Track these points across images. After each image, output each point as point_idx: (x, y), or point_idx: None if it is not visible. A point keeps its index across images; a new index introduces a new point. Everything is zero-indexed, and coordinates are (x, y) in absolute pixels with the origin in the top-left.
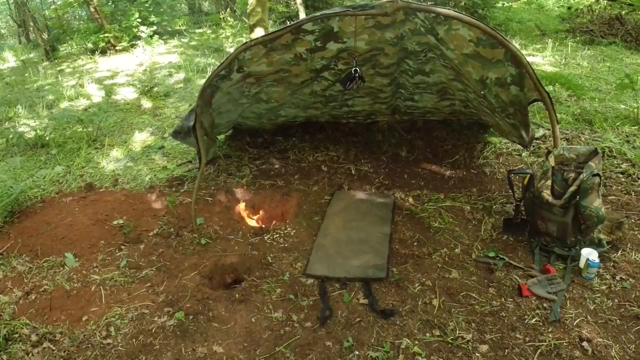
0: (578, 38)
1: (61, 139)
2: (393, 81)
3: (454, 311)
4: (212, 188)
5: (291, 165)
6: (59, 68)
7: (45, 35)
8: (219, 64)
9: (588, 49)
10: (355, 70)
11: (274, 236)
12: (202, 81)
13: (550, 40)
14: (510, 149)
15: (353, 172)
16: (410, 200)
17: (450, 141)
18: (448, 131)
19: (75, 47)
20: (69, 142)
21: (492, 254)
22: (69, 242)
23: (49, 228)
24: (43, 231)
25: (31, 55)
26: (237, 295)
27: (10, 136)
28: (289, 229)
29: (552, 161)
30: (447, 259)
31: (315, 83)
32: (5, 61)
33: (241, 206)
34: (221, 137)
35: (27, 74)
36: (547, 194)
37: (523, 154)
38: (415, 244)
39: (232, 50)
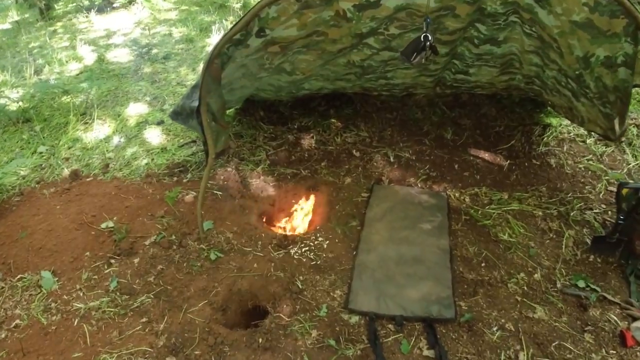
0: None
1: (47, 112)
2: (451, 50)
3: None
4: (222, 178)
5: (316, 149)
6: (52, 28)
7: None
8: (231, 25)
9: None
10: (426, 37)
11: (303, 249)
12: (208, 42)
13: None
14: (572, 134)
15: (391, 159)
16: (467, 200)
17: (502, 121)
18: (498, 108)
19: (72, 4)
20: (56, 116)
21: (581, 283)
22: (47, 254)
23: (24, 234)
24: (17, 238)
25: (26, 16)
26: (260, 340)
27: None
28: (320, 238)
29: None
30: (526, 288)
31: (354, 51)
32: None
33: (258, 207)
34: (230, 111)
35: (20, 36)
36: None
37: (588, 141)
38: (483, 264)
39: (240, 6)
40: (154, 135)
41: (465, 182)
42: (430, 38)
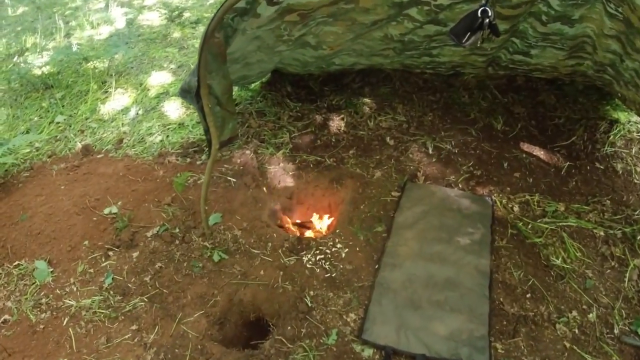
0: None
1: (71, 78)
2: (512, 27)
3: None
4: (238, 162)
5: (344, 133)
6: None
7: None
8: None
9: None
10: (485, 12)
11: (317, 257)
12: None
13: None
14: None
15: (430, 150)
16: (516, 209)
17: (563, 112)
18: (558, 96)
19: None
20: (79, 83)
21: None
22: (45, 240)
23: (25, 217)
24: (18, 220)
25: None
26: None
27: (13, 77)
28: (338, 245)
29: None
30: (577, 331)
31: (392, 24)
32: None
33: (273, 200)
34: (255, 85)
35: None
36: None
37: None
38: (528, 295)
39: None
40: (173, 109)
41: (515, 185)
42: (490, 13)
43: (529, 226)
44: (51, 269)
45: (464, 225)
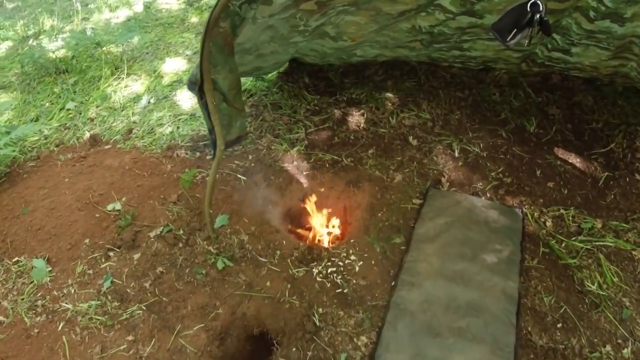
0: None
1: (86, 63)
2: (555, 22)
3: None
4: (250, 158)
5: (364, 130)
6: None
7: None
8: None
9: None
10: (535, 6)
11: (328, 269)
12: None
13: None
14: None
15: (456, 152)
16: (549, 224)
17: (601, 115)
18: (596, 98)
19: None
20: (93, 68)
21: None
22: (45, 236)
23: (27, 210)
24: (19, 214)
25: None
26: None
27: (26, 60)
28: (352, 257)
29: None
30: None
31: (422, 15)
32: None
33: (285, 202)
34: (272, 75)
35: None
36: None
37: None
38: (559, 325)
39: None
40: (185, 98)
41: (548, 196)
42: (541, 8)
43: (563, 244)
44: (49, 268)
45: (491, 241)
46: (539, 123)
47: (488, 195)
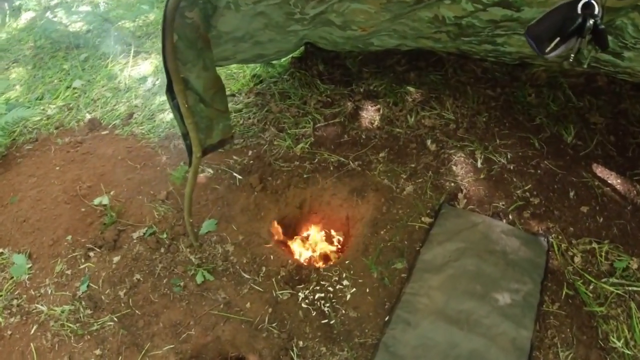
0: None
1: (99, 39)
2: (608, 22)
3: None
4: (250, 154)
5: (378, 129)
6: None
7: None
8: None
9: None
10: (589, 6)
11: (316, 294)
12: None
13: None
14: None
15: (479, 162)
16: (578, 260)
17: None
18: None
19: None
20: (105, 44)
21: None
22: (29, 229)
23: (15, 199)
24: (7, 203)
25: None
26: None
27: (39, 35)
28: (344, 282)
29: None
30: None
31: (445, 3)
32: None
33: (279, 209)
34: (284, 59)
35: None
36: None
37: None
38: None
39: None
40: None
41: (580, 224)
42: (597, 10)
43: (591, 287)
44: (29, 265)
45: (507, 277)
46: (578, 132)
47: (510, 217)
